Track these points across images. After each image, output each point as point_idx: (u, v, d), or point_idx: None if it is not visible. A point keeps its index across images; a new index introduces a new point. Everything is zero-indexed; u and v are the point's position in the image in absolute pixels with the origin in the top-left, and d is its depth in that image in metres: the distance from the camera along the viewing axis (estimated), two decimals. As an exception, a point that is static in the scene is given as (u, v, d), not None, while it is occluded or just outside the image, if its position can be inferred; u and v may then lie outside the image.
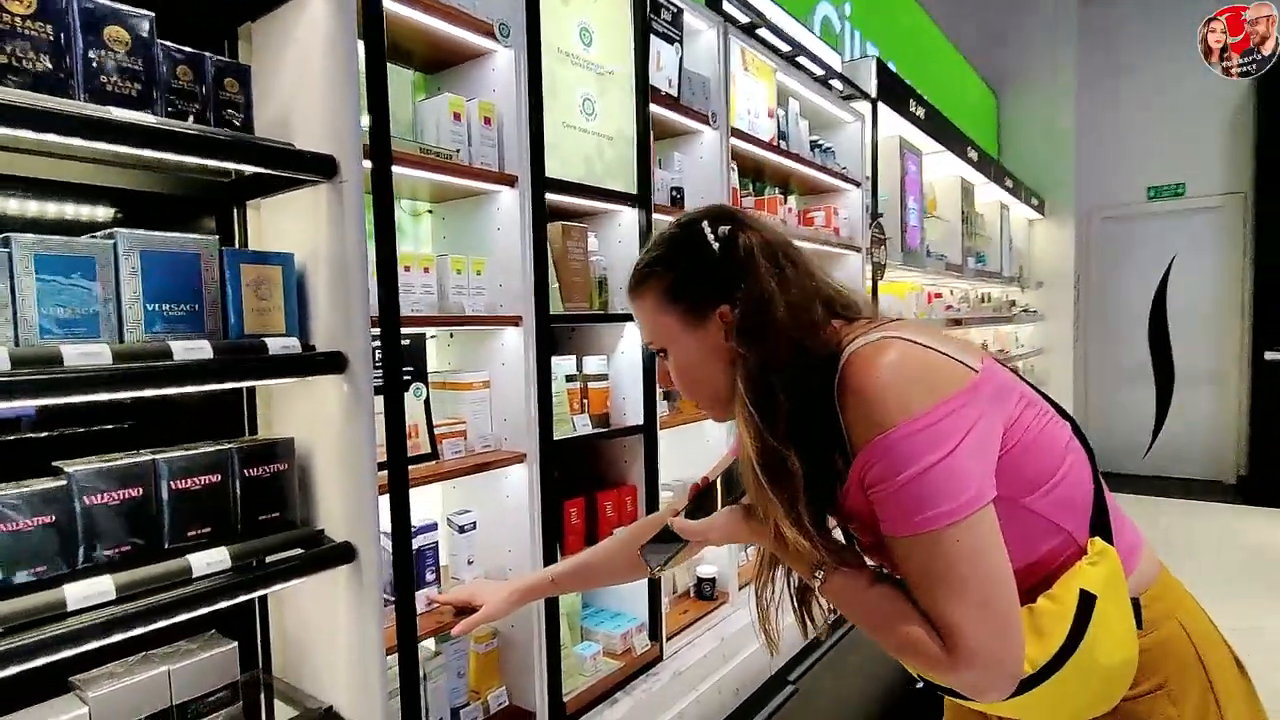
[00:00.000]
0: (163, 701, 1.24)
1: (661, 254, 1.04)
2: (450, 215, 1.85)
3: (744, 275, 0.97)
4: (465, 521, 1.71)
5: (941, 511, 0.83)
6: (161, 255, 1.23)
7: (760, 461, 0.94)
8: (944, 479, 0.83)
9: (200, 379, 1.20)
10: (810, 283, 1.00)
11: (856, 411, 0.89)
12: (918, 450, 0.84)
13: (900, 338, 0.91)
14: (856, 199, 3.56)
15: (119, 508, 1.18)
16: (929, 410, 0.84)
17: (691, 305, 1.01)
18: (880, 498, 0.88)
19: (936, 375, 0.88)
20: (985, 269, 5.84)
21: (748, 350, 0.95)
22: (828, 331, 0.97)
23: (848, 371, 0.90)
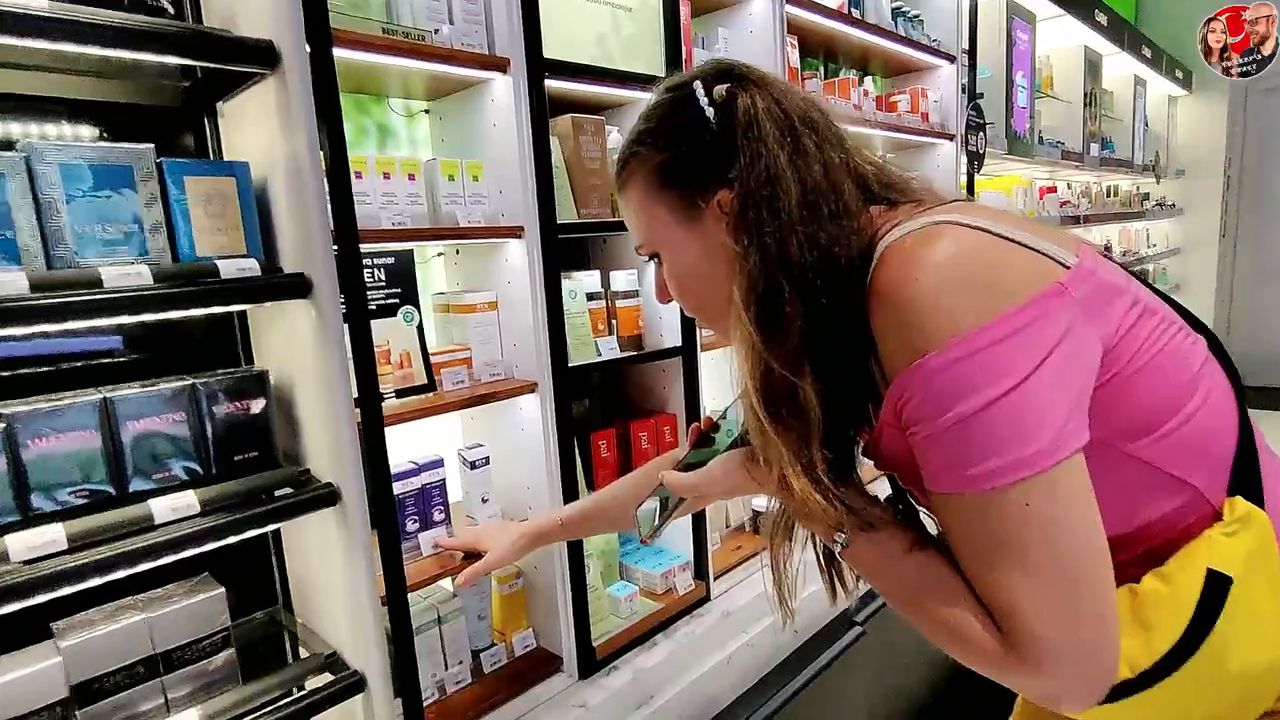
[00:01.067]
0: (144, 649, 1.18)
1: (646, 129, 0.82)
2: (448, 114, 1.63)
3: (745, 149, 0.74)
4: (477, 457, 1.57)
5: (1006, 463, 0.61)
6: (86, 169, 1.08)
7: (762, 394, 0.74)
8: (1010, 419, 0.61)
9: (137, 308, 1.06)
10: (837, 156, 0.75)
11: (890, 325, 0.67)
12: (972, 379, 0.62)
13: (955, 222, 0.68)
14: (950, 77, 3.04)
15: (71, 451, 1.09)
16: (991, 322, 0.62)
17: (684, 193, 0.79)
18: (922, 442, 0.67)
19: (1004, 273, 0.65)
20: (1112, 157, 5.06)
21: (748, 247, 0.73)
22: (861, 221, 0.74)
23: (881, 271, 0.68)
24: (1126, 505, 0.70)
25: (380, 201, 1.35)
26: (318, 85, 1.12)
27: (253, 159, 1.27)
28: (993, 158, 3.44)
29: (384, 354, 1.39)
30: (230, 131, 1.38)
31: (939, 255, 0.65)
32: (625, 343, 1.76)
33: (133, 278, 1.07)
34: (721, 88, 0.76)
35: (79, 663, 1.12)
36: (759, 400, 0.74)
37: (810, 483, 0.73)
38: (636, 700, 1.65)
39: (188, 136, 1.45)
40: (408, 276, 1.41)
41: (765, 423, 0.74)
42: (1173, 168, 6.46)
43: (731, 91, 0.76)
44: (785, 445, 0.74)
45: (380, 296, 1.38)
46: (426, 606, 1.55)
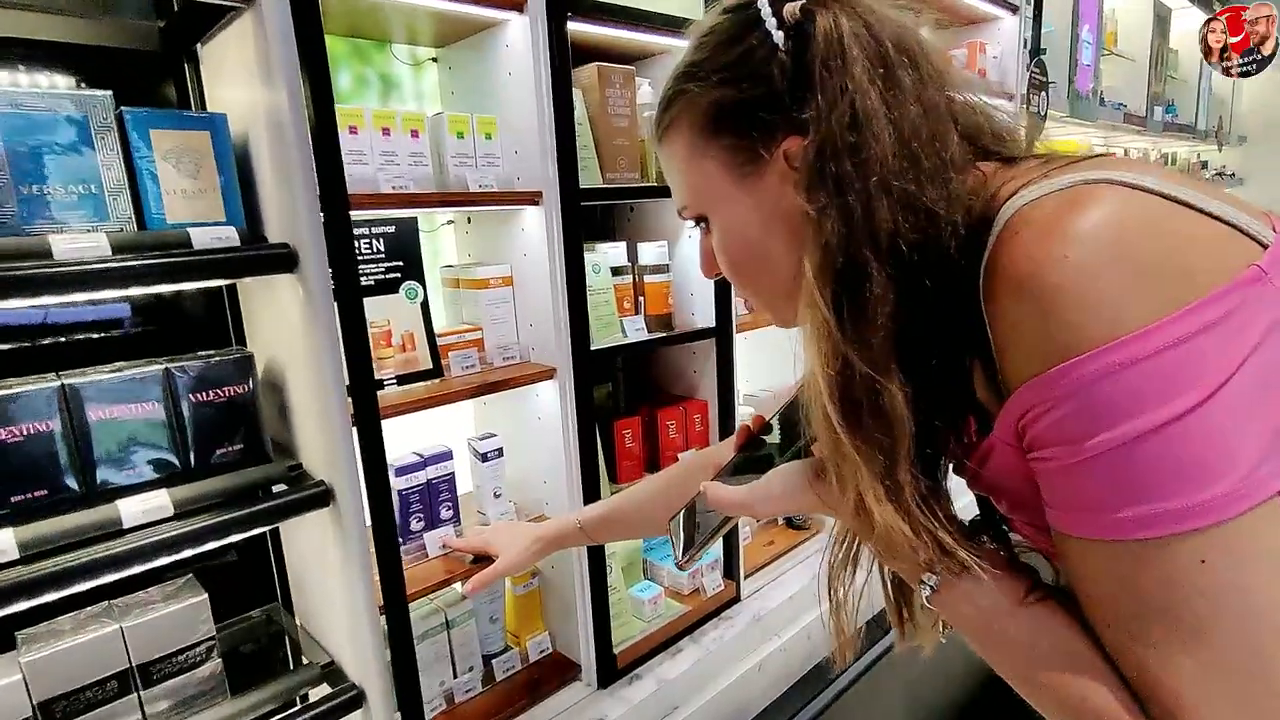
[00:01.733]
0: (119, 662, 1.06)
1: (696, 61, 0.64)
2: (458, 64, 1.44)
3: (825, 83, 0.57)
4: (489, 448, 1.42)
5: (1177, 508, 0.46)
6: (29, 120, 0.92)
7: (838, 396, 0.58)
8: (1186, 449, 0.46)
9: (91, 284, 0.92)
10: (940, 98, 0.59)
11: (1024, 318, 0.50)
12: (1139, 393, 0.46)
13: (1114, 181, 0.50)
14: (1011, 31, 2.77)
15: (22, 445, 0.95)
16: (1168, 318, 0.46)
17: (742, 141, 0.62)
18: (1055, 471, 0.51)
19: (1186, 252, 0.48)
20: (1175, 121, 4.71)
21: (824, 209, 0.57)
22: (971, 179, 0.59)
23: (1008, 247, 0.52)
24: None
25: (379, 162, 1.18)
26: (299, 20, 0.94)
27: (234, 111, 1.11)
28: (1053, 120, 3.17)
29: (384, 335, 1.24)
30: (212, 81, 1.22)
31: (1097, 225, 0.48)
32: (653, 323, 1.59)
33: (87, 248, 0.92)
34: (794, 5, 0.59)
35: (44, 679, 1.00)
36: (834, 404, 0.58)
37: (897, 511, 0.58)
38: (659, 712, 1.52)
39: (169, 87, 1.29)
40: (411, 248, 1.25)
41: (842, 433, 0.58)
42: (1235, 134, 6.05)
43: (807, 9, 0.59)
44: (866, 463, 0.58)
45: (379, 271, 1.22)
46: (433, 610, 1.42)
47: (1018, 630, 0.57)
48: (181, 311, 1.33)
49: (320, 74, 0.97)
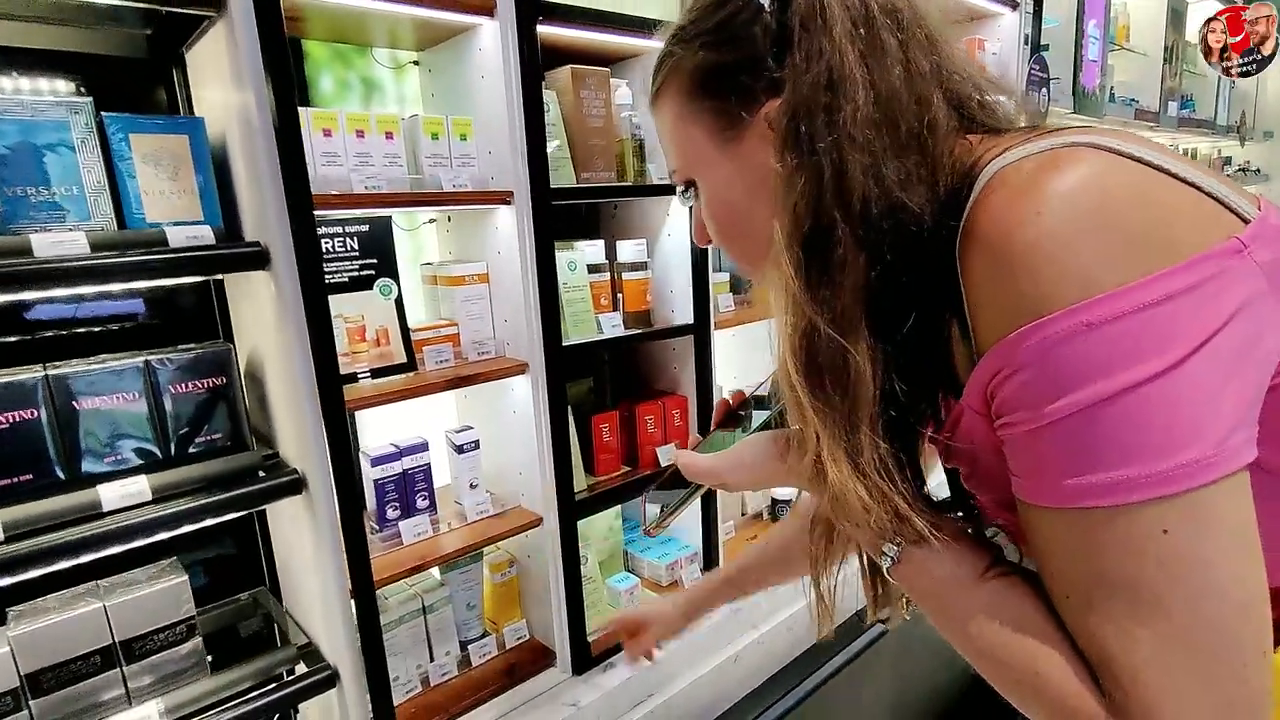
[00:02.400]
0: (102, 638, 1.12)
1: (685, 25, 0.65)
2: (438, 67, 1.49)
3: (802, 42, 0.57)
4: (465, 440, 1.46)
5: (1140, 474, 0.45)
6: (14, 125, 0.98)
7: (800, 356, 0.58)
8: (1153, 414, 0.45)
9: (70, 280, 0.97)
10: (926, 62, 0.57)
11: (993, 278, 0.50)
12: (1105, 355, 0.45)
13: (1094, 145, 0.50)
14: (1012, 27, 2.75)
15: (8, 432, 1.01)
16: (1140, 281, 0.45)
17: (724, 103, 0.62)
18: (1020, 436, 0.50)
19: (1163, 216, 0.47)
20: (1192, 117, 4.63)
21: (794, 169, 0.56)
22: (955, 148, 0.57)
23: (984, 207, 0.51)
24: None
25: (353, 163, 1.23)
26: (263, 27, 0.99)
27: (213, 115, 1.16)
28: (1057, 116, 3.14)
29: (359, 330, 1.28)
30: (197, 86, 1.27)
31: (1074, 186, 0.47)
32: (631, 319, 1.62)
33: (66, 246, 0.98)
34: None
35: (31, 652, 1.06)
36: (795, 364, 0.58)
37: (854, 474, 0.57)
38: (632, 699, 1.56)
39: (159, 92, 1.35)
40: (385, 246, 1.29)
41: (801, 393, 0.58)
42: (1260, 129, 5.91)
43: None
44: (825, 424, 0.58)
45: (354, 268, 1.27)
46: (411, 595, 1.47)
47: (975, 603, 0.56)
48: (174, 307, 1.39)
49: (284, 78, 1.02)
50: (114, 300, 1.33)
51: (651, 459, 1.70)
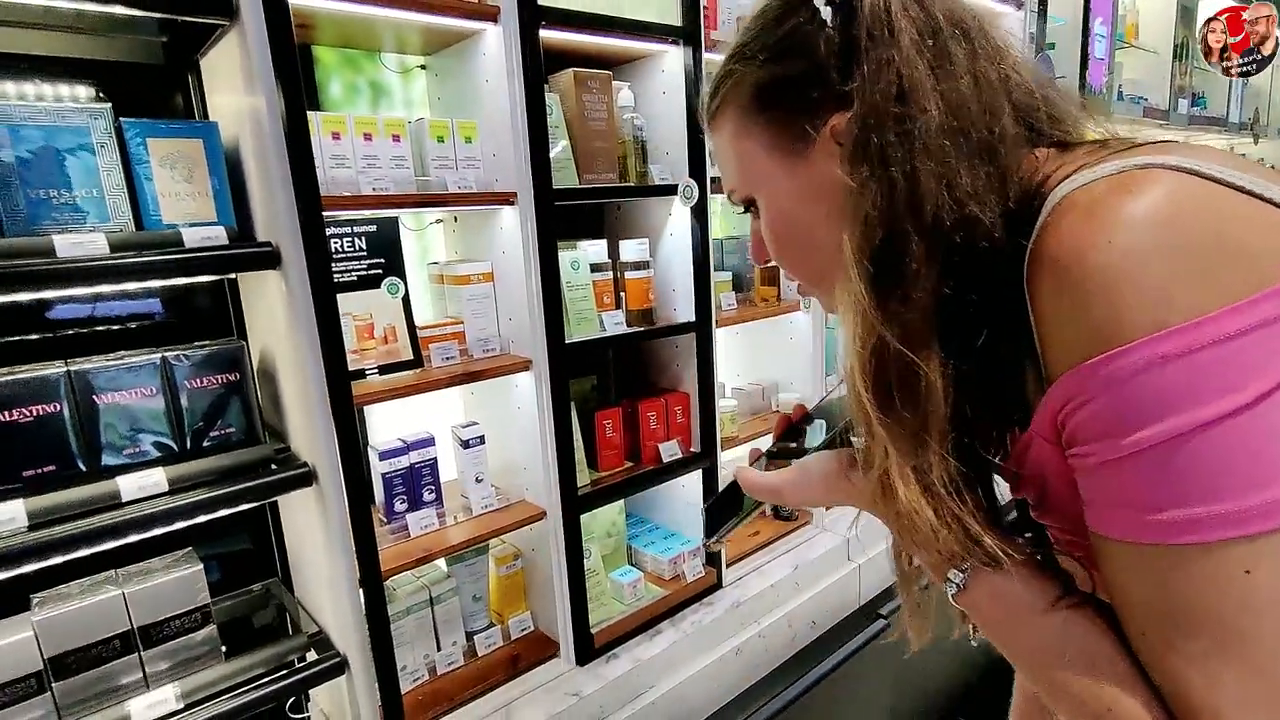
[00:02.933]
0: (121, 624, 1.16)
1: (744, 42, 0.64)
2: (444, 71, 1.52)
3: (870, 54, 0.56)
4: (470, 435, 1.50)
5: (1222, 512, 0.43)
6: (38, 130, 1.02)
7: (870, 372, 0.57)
8: (1235, 450, 0.43)
9: (90, 279, 1.02)
10: (995, 73, 0.57)
11: (1065, 304, 0.48)
12: (1186, 387, 0.43)
13: (1168, 166, 0.47)
14: (1017, 26, 2.76)
15: (32, 425, 1.06)
16: (1222, 310, 0.43)
17: (788, 118, 0.62)
18: (1094, 468, 0.48)
19: (1246, 240, 0.44)
20: (1203, 115, 4.60)
21: (866, 181, 0.56)
22: (1023, 162, 0.57)
23: (1054, 230, 0.49)
24: None
25: (361, 165, 1.27)
26: (274, 35, 1.03)
27: (226, 120, 1.20)
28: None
29: (367, 328, 1.32)
30: (211, 91, 1.31)
31: (1146, 208, 0.45)
32: (634, 317, 1.65)
33: (87, 246, 1.02)
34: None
35: (53, 636, 1.11)
36: (864, 380, 0.57)
37: (922, 494, 0.55)
38: (634, 690, 1.59)
39: (176, 97, 1.39)
40: (392, 245, 1.33)
41: (870, 409, 0.57)
42: (1274, 127, 5.85)
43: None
44: (894, 441, 0.56)
45: (362, 267, 1.31)
46: (418, 586, 1.51)
47: (1046, 633, 0.54)
48: (189, 307, 1.43)
49: (294, 84, 1.05)
50: (132, 300, 1.38)
51: (654, 455, 1.73)
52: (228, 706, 1.15)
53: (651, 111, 1.67)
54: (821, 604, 1.97)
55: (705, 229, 1.67)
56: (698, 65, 1.60)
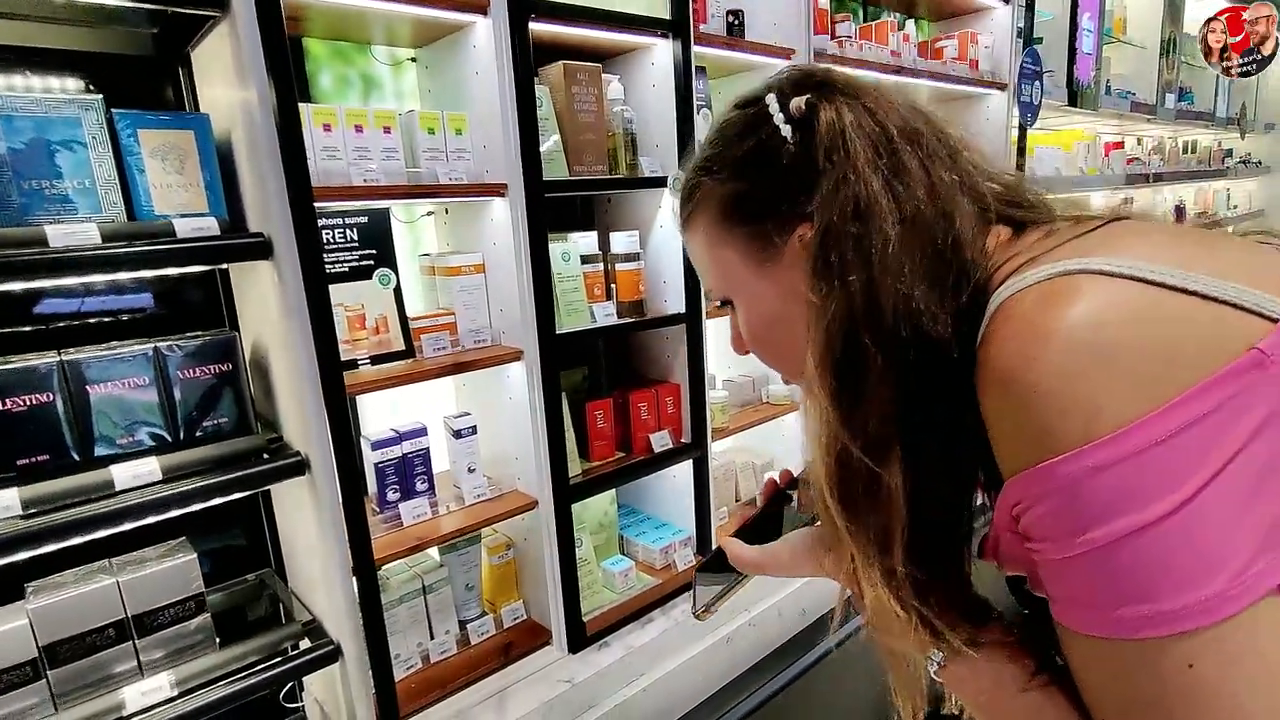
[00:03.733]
0: (115, 612, 1.17)
1: (712, 155, 0.67)
2: (434, 64, 1.53)
3: (829, 173, 0.59)
4: (463, 426, 1.51)
5: (1163, 611, 0.45)
6: (29, 121, 1.03)
7: (835, 481, 0.59)
8: (1171, 551, 0.44)
9: (82, 269, 1.02)
10: (949, 176, 0.59)
11: (1006, 414, 0.50)
12: (1120, 495, 0.45)
13: (1099, 271, 0.49)
14: (1004, 21, 2.78)
15: (26, 414, 1.07)
16: (1149, 416, 0.44)
17: (758, 230, 0.65)
18: (1048, 564, 0.50)
19: (1169, 343, 0.46)
20: (1190, 109, 4.64)
21: (826, 296, 0.58)
22: (976, 254, 0.58)
23: (993, 341, 0.51)
24: None
25: (352, 157, 1.27)
26: (265, 26, 1.04)
27: (217, 111, 1.21)
28: (1051, 110, 3.17)
29: (358, 318, 1.33)
30: (202, 83, 1.32)
31: (1072, 322, 0.47)
32: (625, 308, 1.67)
33: (79, 236, 1.03)
34: (800, 100, 0.62)
35: (48, 624, 1.11)
36: (830, 487, 0.60)
37: (890, 594, 0.58)
38: (626, 677, 1.61)
39: (167, 89, 1.40)
40: (383, 237, 1.34)
41: (836, 515, 0.60)
42: (1261, 121, 5.91)
43: (812, 104, 0.61)
44: (858, 545, 0.59)
45: (353, 258, 1.32)
46: (411, 576, 1.52)
47: (1022, 711, 0.57)
48: (181, 299, 1.44)
49: (285, 75, 1.06)
50: (124, 295, 1.38)
51: (645, 445, 1.74)
52: (221, 694, 1.16)
53: (641, 104, 1.68)
54: (811, 592, 1.99)
55: (695, 221, 1.68)
56: (687, 58, 1.62)
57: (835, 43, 2.08)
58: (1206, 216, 5.32)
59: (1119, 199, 3.91)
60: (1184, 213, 4.95)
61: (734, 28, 1.81)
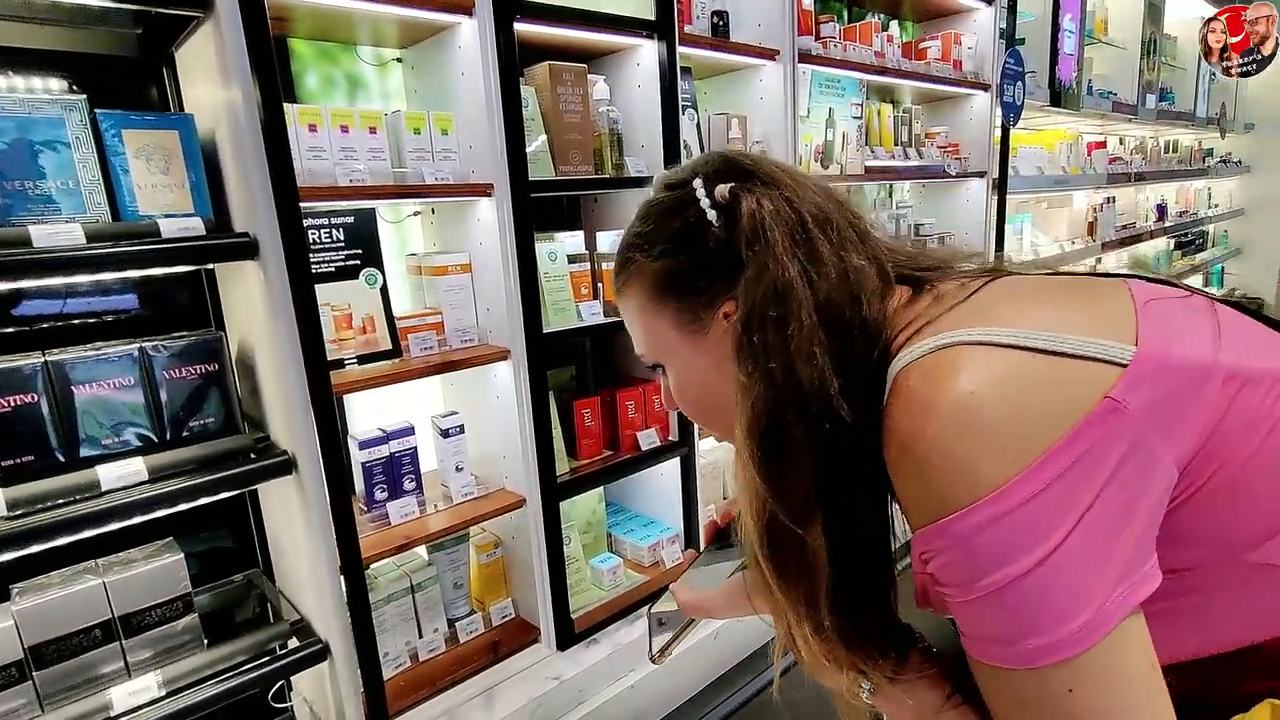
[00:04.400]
0: (102, 613, 1.17)
1: (643, 232, 0.72)
2: (420, 64, 1.54)
3: (751, 260, 0.64)
4: (450, 425, 1.52)
5: (1045, 644, 0.52)
6: (6, 120, 1.03)
7: (765, 545, 0.64)
8: (1046, 592, 0.51)
9: (67, 269, 1.02)
10: (858, 258, 0.65)
11: (905, 476, 0.57)
12: (1002, 546, 0.52)
13: (977, 342, 0.56)
14: (987, 21, 2.81)
15: (10, 415, 1.06)
16: (1020, 475, 0.51)
17: (685, 303, 0.70)
18: (953, 605, 0.57)
19: (1035, 407, 0.53)
20: (1170, 109, 4.70)
21: (751, 375, 0.63)
22: (882, 318, 0.65)
23: (890, 410, 0.58)
24: (1265, 618, 0.59)
25: (338, 157, 1.28)
26: (249, 27, 1.04)
27: (202, 112, 1.21)
28: (1034, 110, 3.20)
29: (345, 318, 1.34)
30: (186, 84, 1.32)
31: (950, 398, 0.53)
32: (611, 308, 1.68)
33: (64, 237, 1.03)
34: (724, 187, 0.66)
35: (34, 625, 1.11)
36: (760, 549, 0.64)
37: (820, 644, 0.64)
38: (613, 674, 1.62)
39: (151, 89, 1.40)
40: (369, 237, 1.34)
41: (768, 575, 0.65)
42: (1241, 121, 5.99)
43: (735, 192, 0.66)
44: (788, 600, 0.64)
45: (340, 258, 1.32)
46: (399, 575, 1.53)
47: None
48: (166, 300, 1.44)
49: (270, 76, 1.07)
50: (109, 295, 1.38)
51: (632, 443, 1.75)
52: (209, 693, 1.16)
53: (627, 104, 1.69)
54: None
55: (681, 220, 1.69)
56: (672, 59, 1.63)
57: (819, 44, 2.10)
58: (1189, 215, 5.39)
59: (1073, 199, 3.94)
60: (1166, 211, 5.02)
61: (719, 29, 1.82)
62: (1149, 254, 4.97)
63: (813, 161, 2.18)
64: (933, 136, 2.78)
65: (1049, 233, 3.68)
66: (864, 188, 2.99)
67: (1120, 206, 4.31)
